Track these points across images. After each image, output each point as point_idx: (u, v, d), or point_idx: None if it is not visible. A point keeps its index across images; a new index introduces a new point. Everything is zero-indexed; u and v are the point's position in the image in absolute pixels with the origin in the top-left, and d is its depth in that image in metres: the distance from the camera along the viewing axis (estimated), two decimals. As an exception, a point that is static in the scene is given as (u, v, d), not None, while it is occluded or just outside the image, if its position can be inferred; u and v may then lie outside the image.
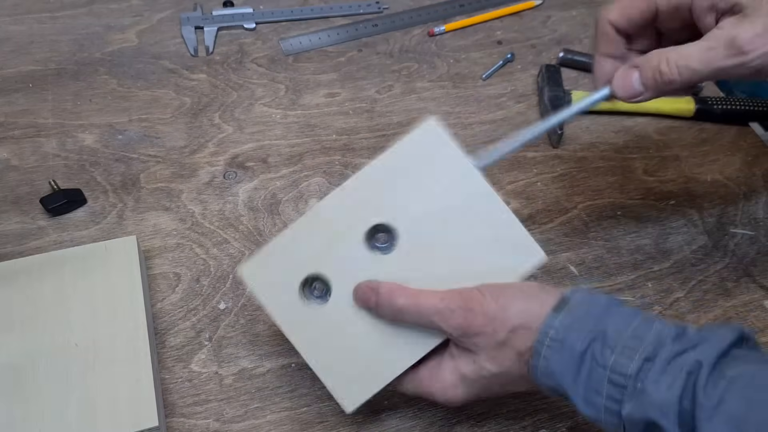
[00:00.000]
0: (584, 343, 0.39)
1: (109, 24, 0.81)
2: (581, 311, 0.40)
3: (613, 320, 0.40)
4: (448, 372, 0.45)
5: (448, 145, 0.46)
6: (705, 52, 0.41)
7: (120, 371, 0.51)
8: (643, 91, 0.44)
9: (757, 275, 0.63)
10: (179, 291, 0.60)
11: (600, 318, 0.40)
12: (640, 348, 0.38)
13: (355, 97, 0.76)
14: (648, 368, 0.37)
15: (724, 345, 0.37)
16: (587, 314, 0.40)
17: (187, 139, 0.70)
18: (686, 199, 0.69)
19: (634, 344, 0.38)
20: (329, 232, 0.45)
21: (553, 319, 0.41)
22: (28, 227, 0.63)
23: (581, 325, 0.40)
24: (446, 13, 0.85)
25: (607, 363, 0.38)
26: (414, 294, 0.43)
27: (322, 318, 0.45)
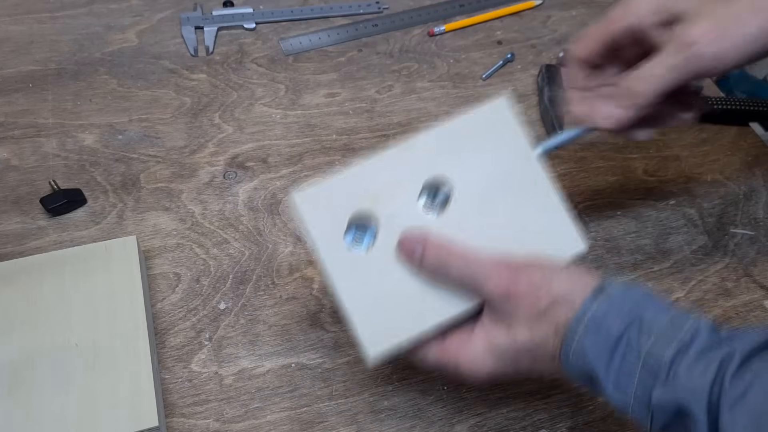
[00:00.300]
0: (621, 327, 0.39)
1: (109, 24, 0.81)
2: (620, 298, 0.41)
3: (650, 308, 0.40)
4: (479, 340, 0.44)
5: (514, 125, 0.47)
6: (663, 57, 0.44)
7: (120, 371, 0.51)
8: (623, 114, 0.46)
9: (757, 275, 0.63)
10: (179, 291, 0.60)
11: (638, 305, 0.40)
12: (677, 336, 0.38)
13: (355, 97, 0.76)
14: (683, 356, 0.37)
15: (758, 341, 0.37)
16: (625, 300, 0.40)
17: (187, 139, 0.70)
18: (686, 199, 0.69)
19: (671, 332, 0.38)
20: (386, 181, 0.45)
21: (592, 302, 0.41)
22: (28, 227, 0.63)
23: (619, 310, 0.40)
24: (446, 13, 0.85)
25: (643, 348, 0.38)
26: (462, 248, 0.43)
27: (362, 262, 0.44)
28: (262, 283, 0.60)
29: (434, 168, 0.46)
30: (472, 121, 0.47)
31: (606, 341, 0.40)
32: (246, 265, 0.61)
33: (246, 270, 0.61)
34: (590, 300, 0.41)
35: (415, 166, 0.46)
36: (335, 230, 0.44)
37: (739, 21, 0.42)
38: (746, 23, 0.42)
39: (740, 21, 0.43)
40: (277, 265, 0.62)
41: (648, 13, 0.46)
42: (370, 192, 0.45)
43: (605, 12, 0.49)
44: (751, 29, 0.42)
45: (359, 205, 0.45)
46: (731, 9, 0.43)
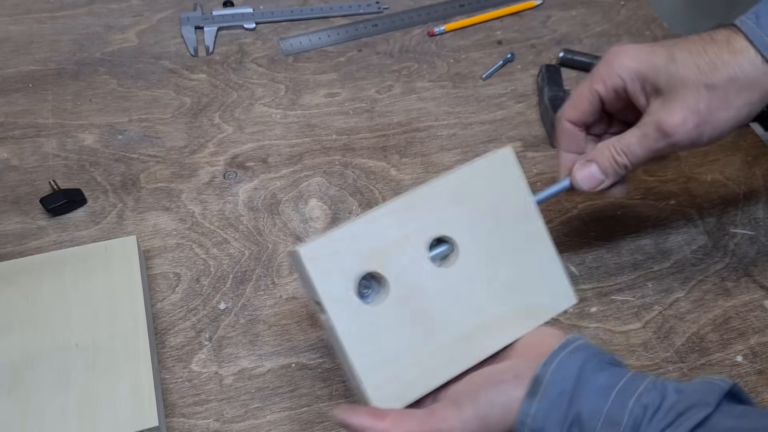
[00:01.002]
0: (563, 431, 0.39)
1: (109, 24, 0.81)
2: (555, 391, 0.39)
3: (586, 399, 0.39)
4: None
5: (517, 177, 0.47)
6: (641, 138, 0.47)
7: (120, 371, 0.51)
8: (604, 179, 0.49)
9: (757, 275, 0.63)
10: (179, 291, 0.60)
11: (573, 397, 0.39)
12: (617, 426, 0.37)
13: (355, 97, 0.76)
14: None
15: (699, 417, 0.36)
16: (561, 393, 0.39)
17: (187, 139, 0.70)
18: (686, 199, 0.69)
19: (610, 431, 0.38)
20: (392, 234, 0.44)
21: (528, 407, 0.39)
22: (28, 227, 0.63)
23: (557, 410, 0.39)
24: (446, 13, 0.85)
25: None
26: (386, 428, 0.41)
27: (369, 317, 0.43)
28: (262, 283, 0.60)
29: (439, 221, 0.46)
30: (475, 172, 0.47)
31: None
32: (246, 265, 0.61)
33: (246, 270, 0.61)
34: (527, 404, 0.40)
35: (421, 219, 0.45)
36: (341, 285, 0.43)
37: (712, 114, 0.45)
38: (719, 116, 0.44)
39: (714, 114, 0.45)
40: (277, 265, 0.62)
41: (631, 80, 0.48)
42: (376, 245, 0.44)
43: (603, 9, 0.49)
44: (721, 120, 0.45)
45: (366, 259, 0.44)
46: (707, 100, 0.44)
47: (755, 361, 0.57)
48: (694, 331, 0.59)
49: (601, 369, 0.40)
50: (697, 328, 0.59)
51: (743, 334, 0.59)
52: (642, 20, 0.86)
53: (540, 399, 0.39)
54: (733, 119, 0.46)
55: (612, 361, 0.41)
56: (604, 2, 0.88)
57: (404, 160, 0.70)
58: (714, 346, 0.58)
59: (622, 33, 0.84)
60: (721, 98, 0.45)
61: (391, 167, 0.69)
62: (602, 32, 0.84)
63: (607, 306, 0.60)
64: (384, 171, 0.69)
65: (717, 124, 0.46)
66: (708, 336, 0.59)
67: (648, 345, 0.58)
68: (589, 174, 0.50)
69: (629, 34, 0.84)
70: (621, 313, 0.60)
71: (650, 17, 0.86)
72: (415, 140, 0.72)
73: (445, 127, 0.73)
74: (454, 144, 0.72)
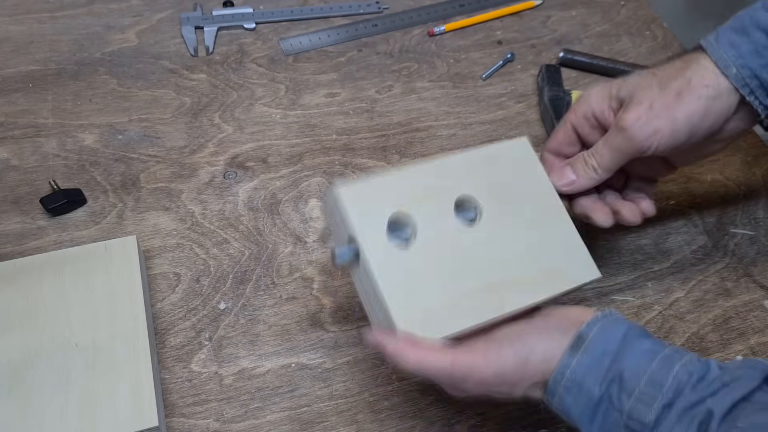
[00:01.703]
0: (601, 387, 0.39)
1: (109, 24, 0.81)
2: (598, 350, 0.40)
3: (630, 359, 0.40)
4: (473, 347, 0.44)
5: (535, 161, 0.51)
6: (606, 139, 0.50)
7: (120, 371, 0.51)
8: (574, 179, 0.52)
9: (757, 275, 0.63)
10: (179, 291, 0.60)
11: (617, 357, 0.40)
12: (658, 396, 0.38)
13: (355, 97, 0.76)
14: (664, 417, 0.37)
15: (743, 391, 0.36)
16: (604, 353, 0.40)
17: (187, 139, 0.70)
18: (686, 199, 0.69)
19: (652, 391, 0.38)
20: (422, 190, 0.47)
21: (570, 359, 0.40)
22: (28, 227, 0.63)
23: (598, 366, 0.40)
24: (446, 13, 0.85)
25: (624, 408, 0.38)
26: (421, 356, 0.41)
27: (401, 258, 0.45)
28: (262, 283, 0.60)
29: (465, 186, 0.48)
30: (497, 151, 0.50)
31: (588, 401, 0.40)
32: (246, 265, 0.61)
33: (246, 270, 0.61)
34: (568, 356, 0.41)
35: (448, 182, 0.48)
36: (375, 225, 0.45)
37: (666, 108, 0.47)
38: (673, 110, 0.47)
39: (667, 108, 0.47)
40: (277, 265, 0.62)
41: (598, 101, 0.51)
42: (408, 196, 0.46)
43: (603, 9, 0.49)
44: (677, 115, 0.47)
45: (399, 206, 0.46)
46: (661, 96, 0.48)
47: (755, 361, 0.57)
48: (694, 331, 0.59)
49: (645, 337, 0.41)
50: (697, 328, 0.59)
51: (743, 334, 0.59)
52: (642, 20, 0.86)
53: (582, 354, 0.40)
54: (693, 114, 0.48)
55: (652, 336, 0.42)
56: (604, 2, 0.88)
57: (404, 160, 0.70)
58: (714, 346, 0.58)
59: (622, 33, 0.84)
60: (674, 95, 0.48)
61: (391, 167, 0.69)
62: (602, 32, 0.84)
63: (607, 306, 0.60)
64: (384, 171, 0.69)
65: (675, 121, 0.48)
66: (708, 336, 0.59)
67: (648, 345, 0.58)
68: (562, 173, 0.52)
69: (629, 34, 0.84)
70: (621, 313, 0.60)
71: (650, 17, 0.86)
72: (415, 140, 0.72)
73: (445, 127, 0.73)
74: (454, 144, 0.72)
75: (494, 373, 0.41)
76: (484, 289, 0.46)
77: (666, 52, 0.82)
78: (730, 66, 0.47)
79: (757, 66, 0.47)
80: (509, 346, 0.42)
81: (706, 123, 0.48)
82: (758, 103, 0.48)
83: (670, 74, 0.49)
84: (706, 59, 0.48)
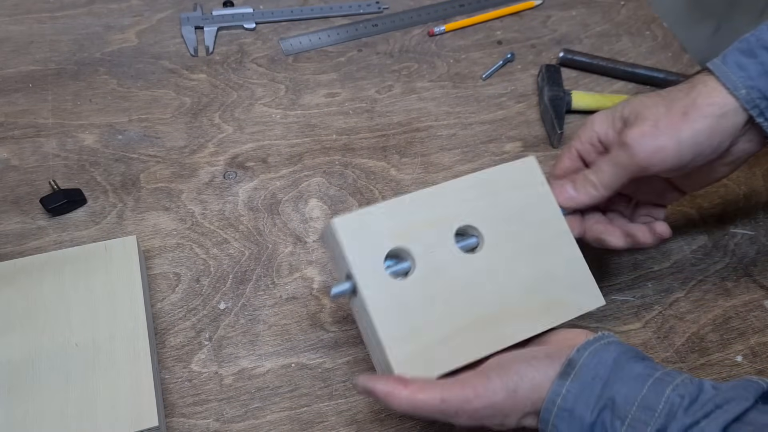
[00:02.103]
0: (594, 413, 0.39)
1: (109, 24, 0.81)
2: (588, 375, 0.40)
3: (622, 385, 0.39)
4: None
5: (543, 182, 0.51)
6: (610, 157, 0.50)
7: (120, 371, 0.51)
8: (575, 195, 0.51)
9: (757, 275, 0.63)
10: (179, 291, 0.60)
11: (608, 382, 0.40)
12: (651, 420, 0.37)
13: (355, 97, 0.76)
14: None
15: (736, 412, 0.36)
16: (595, 378, 0.40)
17: (187, 139, 0.70)
18: (686, 199, 0.69)
19: (644, 416, 0.38)
20: (422, 218, 0.46)
21: (560, 386, 0.40)
22: (28, 227, 0.63)
23: (589, 392, 0.40)
24: (446, 13, 0.85)
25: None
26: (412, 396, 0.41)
27: (397, 291, 0.44)
28: (262, 283, 0.60)
29: (467, 212, 0.47)
30: (501, 174, 0.50)
31: (580, 428, 0.39)
32: (246, 265, 0.61)
33: (246, 270, 0.61)
34: (558, 384, 0.40)
35: (449, 209, 0.47)
36: (373, 259, 0.44)
37: (671, 126, 0.47)
38: (679, 129, 0.47)
39: (673, 126, 0.47)
40: (277, 265, 0.62)
41: (602, 126, 0.52)
42: (407, 225, 0.46)
43: (603, 9, 0.49)
44: (683, 135, 0.47)
45: (397, 237, 0.45)
46: (666, 115, 0.47)
47: (755, 361, 0.57)
48: (694, 331, 0.59)
49: (637, 361, 0.41)
50: (697, 328, 0.59)
51: (743, 334, 0.59)
52: (642, 20, 0.86)
53: (573, 380, 0.40)
54: (685, 145, 0.47)
55: (646, 357, 0.42)
56: (604, 2, 0.88)
57: (404, 160, 0.70)
58: (714, 346, 0.58)
59: (622, 33, 0.84)
60: (680, 113, 0.47)
61: (391, 167, 0.69)
62: (602, 32, 0.84)
63: (607, 306, 0.60)
64: (384, 171, 0.69)
65: (681, 140, 0.47)
66: (708, 336, 0.59)
67: (648, 345, 0.58)
68: (562, 189, 0.52)
69: (629, 34, 0.84)
70: (621, 313, 0.60)
71: (650, 17, 0.86)
72: (415, 140, 0.72)
73: (445, 127, 0.73)
74: (454, 144, 0.72)
75: (484, 405, 0.41)
76: (483, 322, 0.45)
77: (666, 52, 0.82)
78: (739, 87, 0.47)
79: (766, 87, 0.47)
80: (497, 377, 0.42)
81: (712, 143, 0.48)
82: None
83: (677, 95, 0.48)
84: (713, 80, 0.48)
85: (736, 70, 0.47)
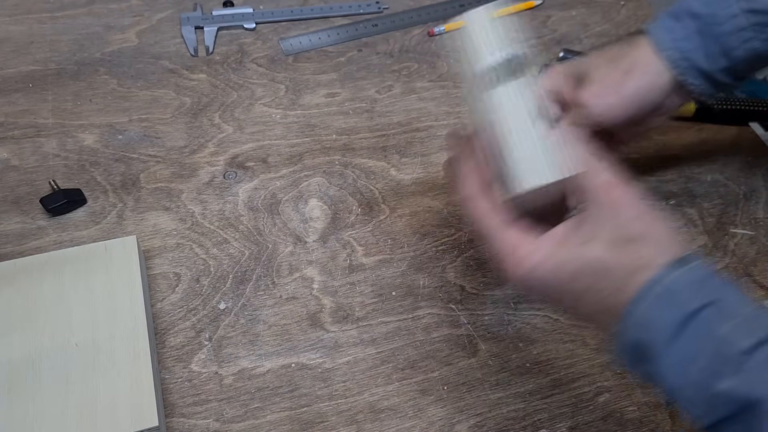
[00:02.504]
0: (699, 303, 0.37)
1: (109, 24, 0.81)
2: (704, 273, 0.38)
3: (734, 294, 0.37)
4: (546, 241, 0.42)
5: None
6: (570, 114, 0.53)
7: (120, 371, 0.51)
8: None
9: (757, 275, 0.63)
10: (179, 291, 0.60)
11: (721, 287, 0.38)
12: (759, 327, 0.36)
13: (355, 97, 0.76)
14: (763, 348, 0.35)
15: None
16: (710, 277, 0.38)
17: (187, 139, 0.70)
18: (686, 199, 0.69)
19: (753, 322, 0.36)
20: None
21: (674, 269, 0.38)
22: (28, 227, 0.63)
23: (701, 286, 0.37)
24: (446, 13, 0.85)
25: (719, 332, 0.36)
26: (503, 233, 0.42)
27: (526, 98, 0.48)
28: (262, 283, 0.60)
29: None
30: None
31: (677, 314, 0.37)
32: (246, 265, 0.61)
33: (246, 270, 0.61)
34: (674, 266, 0.38)
35: None
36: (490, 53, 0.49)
37: (616, 84, 0.53)
38: (623, 85, 0.53)
39: (618, 84, 0.53)
40: (277, 265, 0.62)
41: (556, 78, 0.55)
42: None
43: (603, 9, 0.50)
44: (627, 91, 0.53)
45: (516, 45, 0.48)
46: (612, 73, 0.54)
47: (755, 361, 0.57)
48: (694, 331, 0.59)
49: None
50: (697, 328, 0.59)
51: (743, 334, 0.59)
52: (642, 20, 0.86)
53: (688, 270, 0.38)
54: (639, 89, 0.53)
55: None
56: (604, 2, 0.88)
57: (404, 160, 0.70)
58: (714, 346, 0.58)
59: (622, 33, 0.84)
60: (623, 72, 0.53)
61: (391, 167, 0.69)
62: (602, 32, 0.84)
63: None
64: (384, 171, 0.69)
65: (624, 96, 0.53)
66: (708, 336, 0.59)
67: (648, 345, 0.58)
68: None
69: (629, 34, 0.84)
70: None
71: (650, 17, 0.86)
72: (415, 140, 0.72)
73: (445, 127, 0.73)
74: (454, 144, 0.72)
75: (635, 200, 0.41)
76: None
77: (666, 52, 0.82)
78: (666, 49, 0.53)
79: (689, 49, 0.53)
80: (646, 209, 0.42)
81: (651, 97, 0.54)
82: (690, 82, 0.54)
83: (619, 55, 0.55)
84: (647, 42, 0.54)
85: (664, 33, 0.54)
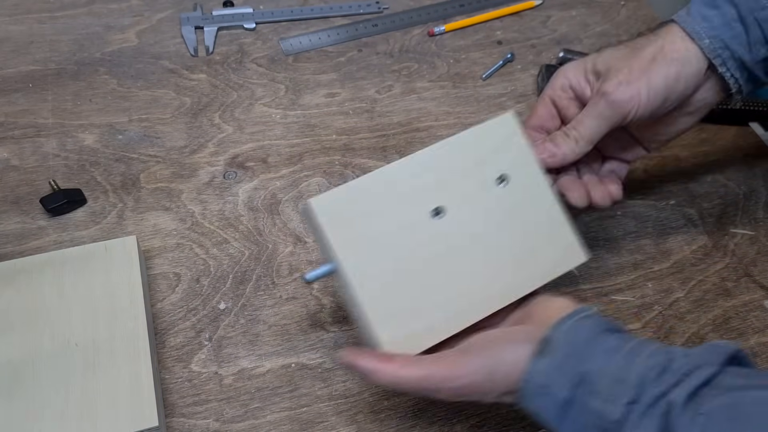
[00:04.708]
0: (568, 390, 0.40)
1: (109, 24, 0.81)
2: (563, 352, 0.41)
3: (595, 359, 0.40)
4: None
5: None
6: (588, 108, 0.52)
7: (120, 371, 0.51)
8: (557, 152, 0.52)
9: (757, 275, 0.63)
10: (179, 291, 0.60)
11: (582, 357, 0.40)
12: (623, 393, 0.38)
13: (355, 97, 0.76)
14: (630, 412, 0.37)
15: (705, 377, 0.37)
16: (570, 354, 0.40)
17: (187, 139, 0.70)
18: (686, 199, 0.69)
19: (617, 389, 0.38)
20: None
21: (536, 365, 0.41)
22: (28, 227, 0.63)
23: (564, 369, 0.40)
24: (446, 13, 0.85)
25: (593, 409, 0.39)
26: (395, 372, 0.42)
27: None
28: (262, 283, 0.60)
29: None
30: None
31: (555, 404, 0.40)
32: (246, 265, 0.61)
33: (246, 270, 0.61)
34: (535, 362, 0.41)
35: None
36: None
37: (643, 71, 0.50)
38: (649, 73, 0.49)
39: (644, 71, 0.50)
40: (277, 265, 0.62)
41: (575, 74, 0.53)
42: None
43: (603, 9, 0.50)
44: (653, 79, 0.49)
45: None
46: (636, 64, 0.50)
47: (755, 361, 0.57)
48: (694, 331, 0.59)
49: (612, 332, 0.42)
50: (697, 328, 0.59)
51: (743, 334, 0.59)
52: (642, 20, 0.86)
53: (549, 358, 0.41)
54: (668, 77, 0.49)
55: (621, 329, 0.43)
56: (604, 2, 0.88)
57: (404, 160, 0.70)
58: (714, 346, 0.58)
59: (622, 33, 0.84)
60: (649, 60, 0.50)
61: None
62: (602, 32, 0.84)
63: (607, 306, 0.60)
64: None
65: (651, 83, 0.49)
66: (708, 336, 0.59)
67: (648, 345, 0.58)
68: (544, 147, 0.52)
69: (629, 34, 0.84)
70: (621, 313, 0.60)
71: (650, 17, 0.86)
72: (415, 140, 0.72)
73: (445, 127, 0.73)
74: (454, 144, 0.72)
75: (464, 384, 0.42)
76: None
77: (666, 52, 0.82)
78: (703, 37, 0.49)
79: (728, 37, 0.49)
80: (477, 357, 0.42)
81: (678, 87, 0.50)
82: (729, 74, 0.50)
83: (644, 44, 0.51)
84: (678, 30, 0.50)
85: (700, 21, 0.50)
